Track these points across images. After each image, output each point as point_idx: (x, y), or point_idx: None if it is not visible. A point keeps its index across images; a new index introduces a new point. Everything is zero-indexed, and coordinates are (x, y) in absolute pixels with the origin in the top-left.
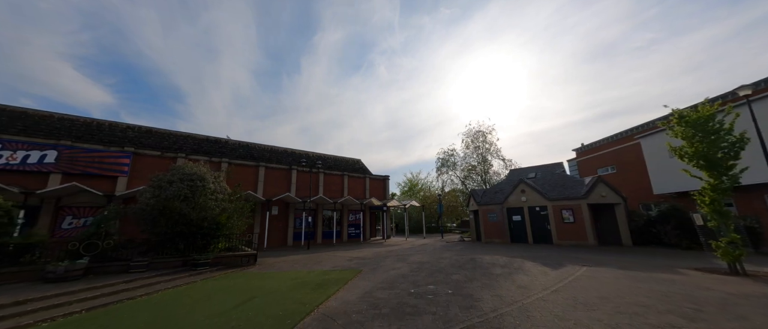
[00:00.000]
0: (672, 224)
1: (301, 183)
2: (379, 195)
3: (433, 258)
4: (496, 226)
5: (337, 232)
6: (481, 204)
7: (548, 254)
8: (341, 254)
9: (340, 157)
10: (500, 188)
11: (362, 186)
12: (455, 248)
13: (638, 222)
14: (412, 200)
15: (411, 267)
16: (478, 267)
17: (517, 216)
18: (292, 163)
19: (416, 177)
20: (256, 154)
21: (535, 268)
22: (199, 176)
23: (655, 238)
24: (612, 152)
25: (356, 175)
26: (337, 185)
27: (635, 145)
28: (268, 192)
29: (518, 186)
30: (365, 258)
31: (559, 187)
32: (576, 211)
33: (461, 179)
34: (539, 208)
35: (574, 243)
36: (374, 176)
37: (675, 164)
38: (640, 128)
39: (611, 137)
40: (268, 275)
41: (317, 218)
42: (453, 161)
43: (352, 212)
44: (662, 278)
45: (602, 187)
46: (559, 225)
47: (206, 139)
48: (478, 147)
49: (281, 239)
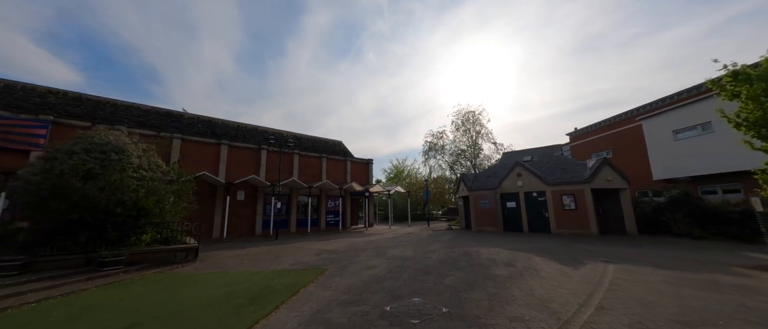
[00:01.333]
0: (683, 212)
1: (272, 165)
2: (362, 180)
3: (419, 252)
4: (488, 213)
5: (314, 220)
6: (473, 189)
7: (552, 245)
8: (312, 246)
9: (318, 137)
10: (493, 172)
11: (343, 170)
12: (443, 238)
13: (645, 209)
14: (396, 186)
15: (390, 264)
16: (475, 265)
17: (512, 203)
18: (262, 142)
19: (402, 164)
20: (219, 130)
21: (548, 267)
22: (115, 148)
23: (663, 227)
24: (608, 136)
25: (336, 157)
26: (314, 168)
27: (635, 127)
28: (233, 174)
29: (514, 169)
30: (337, 252)
31: (558, 170)
32: (578, 197)
33: (449, 164)
34: (537, 193)
35: (574, 232)
36: (356, 159)
37: (680, 147)
38: (642, 109)
39: (609, 120)
40: (200, 278)
41: (291, 205)
42: (441, 145)
43: (330, 198)
44: (728, 282)
45: (607, 170)
46: (559, 212)
47: (155, 111)
48: (468, 130)
49: (248, 227)
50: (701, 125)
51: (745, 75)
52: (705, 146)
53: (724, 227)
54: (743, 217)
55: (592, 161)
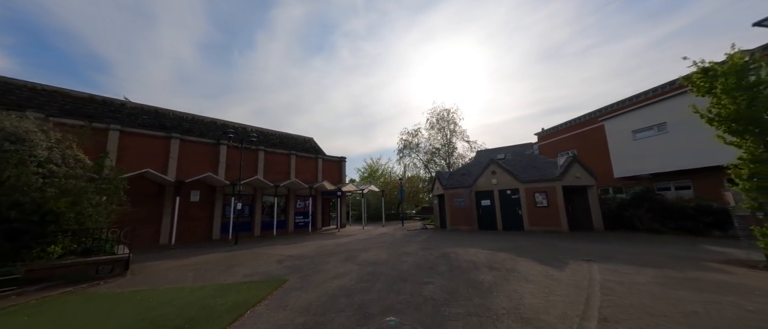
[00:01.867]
0: (645, 208)
1: (233, 162)
2: (334, 179)
3: (393, 255)
4: (464, 212)
5: (281, 222)
6: (448, 188)
7: (528, 244)
8: (275, 251)
9: (286, 133)
10: (468, 170)
11: (314, 168)
12: (419, 238)
13: (610, 206)
14: (370, 185)
15: (362, 271)
16: (455, 269)
17: (487, 201)
18: (222, 137)
19: (377, 163)
20: (170, 123)
21: (532, 269)
22: (10, 135)
23: (626, 222)
24: (574, 136)
25: (306, 155)
26: (282, 166)
27: (599, 127)
28: (186, 172)
29: (489, 167)
30: (303, 257)
31: (531, 168)
32: (550, 194)
33: (424, 162)
34: (510, 191)
35: (546, 229)
36: (328, 157)
37: (638, 146)
38: (605, 111)
39: (574, 120)
40: (119, 298)
41: (255, 206)
42: (416, 143)
43: (299, 198)
44: (713, 281)
45: (577, 167)
46: (532, 210)
47: (90, 98)
48: (443, 128)
49: (204, 232)
50: (657, 126)
51: (715, 71)
52: (660, 146)
53: (681, 222)
54: (697, 212)
55: (563, 159)
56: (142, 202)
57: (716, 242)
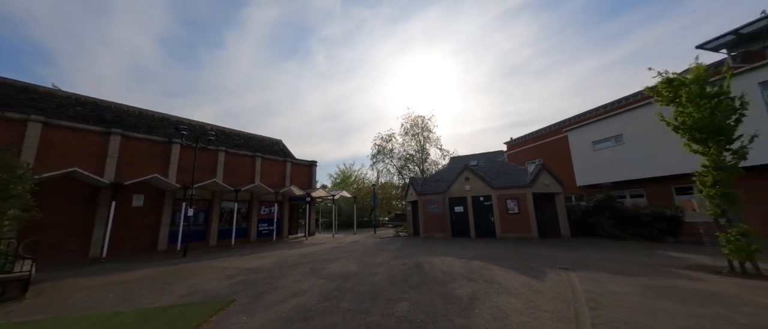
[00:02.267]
0: (606, 215)
1: (187, 163)
2: (304, 184)
3: (364, 266)
4: (437, 218)
5: (242, 230)
6: (422, 194)
7: (503, 252)
8: (228, 263)
9: (252, 134)
10: (441, 177)
11: (281, 172)
12: (391, 246)
13: (576, 213)
14: (342, 191)
15: (327, 287)
16: (430, 281)
17: (460, 207)
18: (175, 135)
19: (350, 169)
20: (111, 116)
21: (511, 279)
22: None
23: (590, 229)
24: (540, 145)
25: (274, 158)
26: (245, 169)
27: (562, 138)
28: (129, 173)
29: (462, 173)
30: (261, 271)
31: (503, 175)
32: (521, 200)
33: (398, 168)
34: (483, 198)
35: (518, 236)
36: (298, 160)
37: (598, 156)
38: (568, 121)
39: (540, 130)
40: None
41: (212, 212)
42: (390, 149)
43: (264, 203)
44: (690, 289)
45: (545, 175)
46: (504, 216)
47: (10, 84)
48: (417, 134)
49: (148, 241)
50: (614, 137)
51: (679, 81)
52: (617, 156)
53: (638, 228)
54: (652, 219)
55: (532, 167)
56: (69, 208)
57: (671, 247)
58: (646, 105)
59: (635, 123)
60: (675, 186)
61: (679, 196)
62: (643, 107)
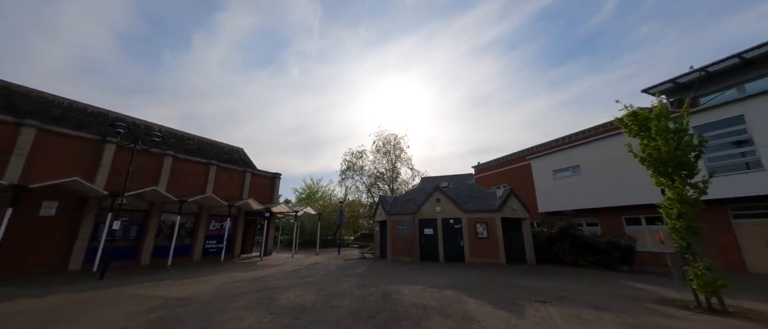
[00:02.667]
0: (568, 243)
1: (121, 166)
2: (265, 198)
3: (324, 297)
4: (406, 241)
5: (184, 247)
6: (391, 213)
7: (475, 280)
8: (155, 291)
9: (209, 140)
10: (412, 197)
11: (239, 183)
12: (356, 271)
13: (541, 239)
14: (306, 207)
15: (275, 326)
16: (402, 319)
17: (430, 229)
18: (111, 133)
19: (317, 184)
20: (27, 105)
21: (490, 315)
22: None
23: (553, 256)
24: (505, 171)
25: (231, 167)
26: (196, 178)
27: (526, 165)
28: (45, 174)
29: (433, 194)
30: (191, 303)
31: (473, 198)
32: (490, 225)
33: (367, 186)
34: (453, 220)
35: (486, 262)
36: (260, 172)
37: (558, 185)
38: (532, 150)
39: (506, 157)
40: None
41: (148, 225)
42: (360, 166)
43: (215, 217)
44: (664, 326)
45: (514, 200)
46: (473, 241)
47: None
48: (389, 152)
49: (58, 259)
50: (572, 168)
51: (644, 115)
52: (575, 186)
53: (598, 257)
54: (608, 247)
55: (501, 191)
56: None
57: (631, 277)
58: (601, 139)
59: (591, 156)
60: (625, 217)
61: (629, 226)
62: (598, 141)
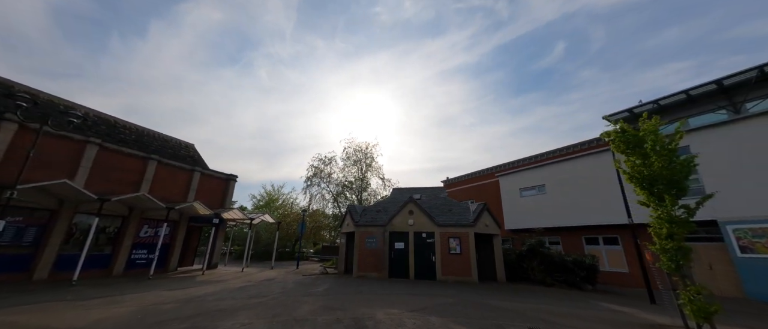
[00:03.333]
0: (537, 261)
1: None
2: (216, 201)
3: (277, 327)
4: (375, 255)
5: (102, 257)
6: (360, 225)
7: (454, 301)
8: (37, 319)
9: (152, 131)
10: (383, 208)
11: (185, 183)
12: (318, 288)
13: (510, 256)
14: (264, 215)
15: None
16: None
17: (401, 243)
18: (10, 108)
19: (278, 191)
20: None
21: None
22: None
23: (522, 273)
24: (475, 187)
25: (176, 164)
26: (129, 173)
27: (495, 182)
28: None
29: (406, 206)
30: None
31: (446, 212)
32: (463, 240)
33: (334, 195)
34: (426, 234)
35: (458, 279)
36: (211, 172)
37: (524, 203)
38: (501, 167)
39: (475, 173)
40: None
41: (53, 228)
42: (328, 173)
43: (148, 222)
44: None
45: (486, 216)
46: (445, 257)
47: None
48: (359, 160)
49: None
50: (538, 187)
51: (632, 133)
52: (539, 205)
53: (565, 275)
54: (574, 266)
55: (474, 206)
56: None
57: (599, 297)
58: (565, 161)
59: (555, 176)
60: (585, 236)
61: (589, 246)
62: (563, 162)
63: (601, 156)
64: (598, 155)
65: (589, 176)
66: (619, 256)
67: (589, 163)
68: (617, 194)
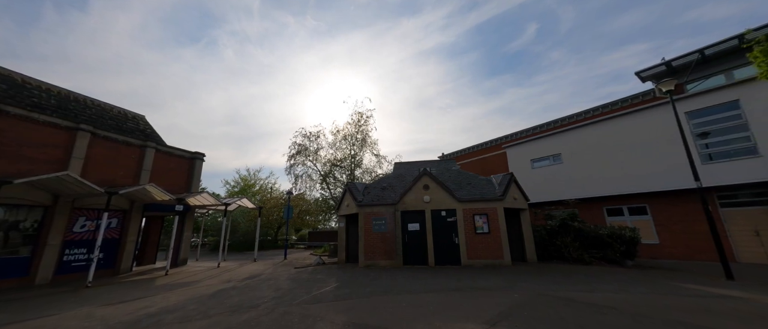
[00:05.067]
0: (571, 236)
1: None
2: (179, 185)
3: None
4: (384, 239)
5: (19, 262)
6: (364, 205)
7: (522, 299)
8: None
9: (81, 96)
10: (389, 184)
11: (134, 162)
12: (324, 289)
13: (541, 233)
14: (242, 198)
15: None
16: None
17: (415, 224)
18: None
19: (254, 176)
20: None
21: None
22: None
23: (555, 251)
24: (478, 161)
25: (119, 138)
26: (50, 148)
27: (499, 155)
28: None
29: (420, 180)
30: None
31: (465, 186)
32: (491, 217)
33: (323, 174)
34: (446, 212)
35: (488, 262)
36: (169, 149)
37: (535, 175)
38: (507, 138)
39: (478, 146)
40: None
41: None
42: (315, 149)
43: (83, 212)
44: None
45: (514, 188)
46: (471, 237)
47: None
48: (351, 135)
49: None
50: (552, 156)
51: None
52: (554, 176)
53: (603, 251)
54: (614, 240)
55: (498, 177)
56: None
57: (661, 275)
58: (585, 126)
59: (574, 143)
60: (606, 207)
61: (611, 217)
62: (581, 128)
63: (637, 116)
64: (632, 115)
65: (617, 141)
66: (647, 227)
67: (618, 126)
68: (652, 159)
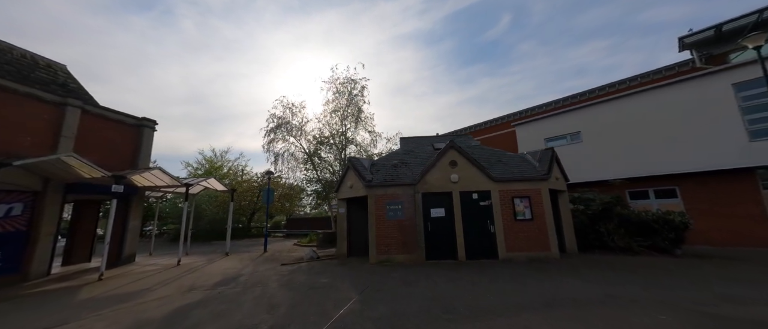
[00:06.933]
0: (615, 222)
1: None
2: (121, 159)
3: None
4: (401, 228)
5: None
6: (375, 185)
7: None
8: None
9: None
10: (402, 161)
11: (49, 125)
12: (341, 300)
13: (581, 218)
14: (209, 178)
15: None
16: None
17: (440, 210)
18: None
19: (221, 158)
20: None
21: None
22: None
23: (596, 240)
24: (484, 140)
25: (24, 90)
26: None
27: (507, 133)
28: None
29: (446, 154)
30: None
31: (495, 163)
32: (534, 200)
33: (308, 154)
34: (478, 195)
35: (532, 256)
36: (104, 111)
37: None
38: (516, 115)
39: (484, 123)
40: None
41: None
42: (298, 123)
43: None
44: None
45: (556, 167)
46: (510, 225)
47: None
48: (339, 109)
49: None
50: (570, 135)
51: None
52: (573, 156)
53: (651, 238)
54: (662, 226)
55: (538, 153)
56: None
57: (707, 265)
58: (606, 102)
59: (597, 120)
60: (629, 190)
61: (634, 200)
62: (602, 104)
63: (672, 89)
64: (667, 88)
65: (646, 117)
66: (677, 210)
67: (649, 100)
68: (687, 136)
